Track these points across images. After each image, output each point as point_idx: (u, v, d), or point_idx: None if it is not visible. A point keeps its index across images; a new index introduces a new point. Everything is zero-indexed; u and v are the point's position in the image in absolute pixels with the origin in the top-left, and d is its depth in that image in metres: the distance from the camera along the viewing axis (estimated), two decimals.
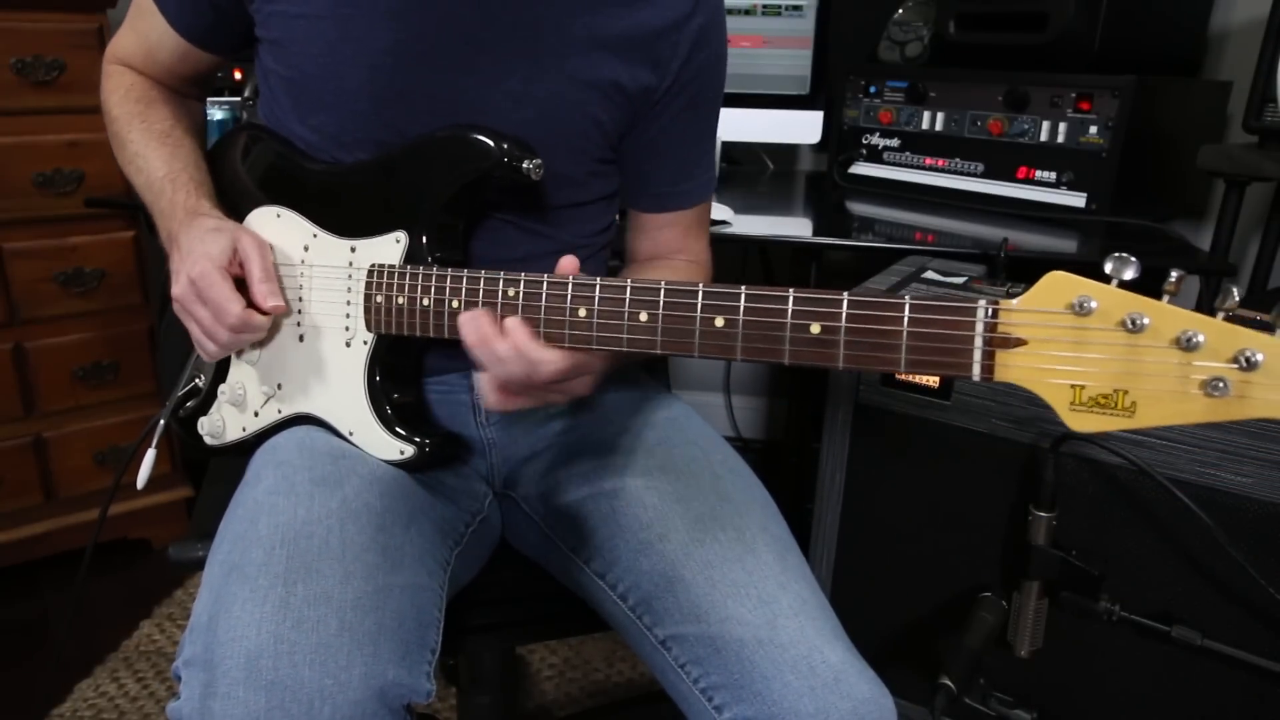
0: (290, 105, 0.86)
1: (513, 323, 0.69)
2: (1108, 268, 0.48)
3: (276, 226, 0.87)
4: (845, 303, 0.58)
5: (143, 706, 1.49)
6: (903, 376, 1.09)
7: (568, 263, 0.71)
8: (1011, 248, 1.20)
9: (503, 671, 1.12)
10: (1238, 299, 0.46)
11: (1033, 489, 1.00)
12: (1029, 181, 1.47)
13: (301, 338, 0.86)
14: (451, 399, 0.91)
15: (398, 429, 0.82)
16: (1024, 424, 1.03)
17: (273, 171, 0.89)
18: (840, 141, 1.69)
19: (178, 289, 0.80)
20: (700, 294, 0.64)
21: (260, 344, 0.88)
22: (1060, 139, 1.42)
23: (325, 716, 0.63)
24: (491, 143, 0.79)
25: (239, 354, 0.89)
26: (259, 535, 0.70)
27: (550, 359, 0.68)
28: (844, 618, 0.76)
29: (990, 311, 0.52)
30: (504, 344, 0.69)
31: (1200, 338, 0.45)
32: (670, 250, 0.98)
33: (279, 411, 0.87)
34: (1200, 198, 1.66)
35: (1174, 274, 0.48)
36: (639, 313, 0.66)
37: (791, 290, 0.60)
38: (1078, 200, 1.42)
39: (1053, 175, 1.44)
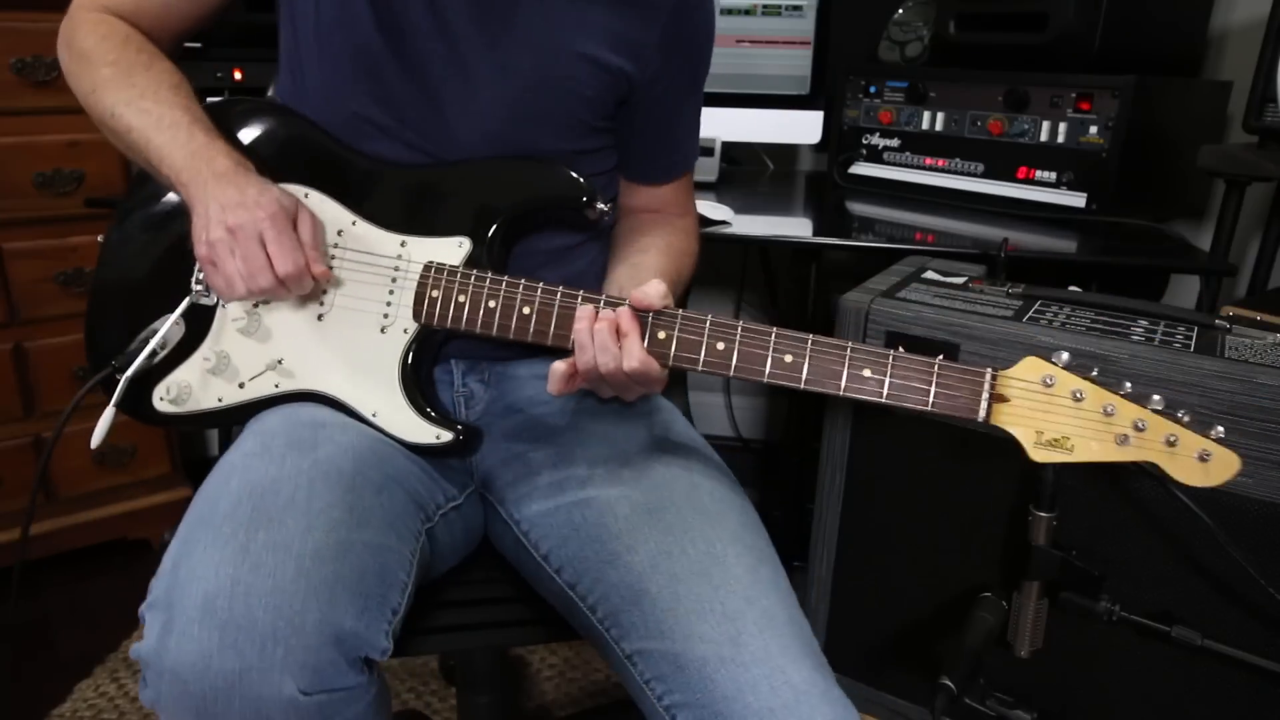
0: (291, 87, 0.91)
1: (628, 324, 0.77)
2: (1060, 359, 0.72)
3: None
4: (892, 357, 0.74)
5: (142, 707, 1.49)
6: None
7: (652, 289, 0.77)
8: (1011, 248, 1.20)
9: (502, 671, 1.12)
10: (1160, 407, 0.69)
11: (1033, 489, 1.00)
12: (1029, 181, 1.47)
13: (321, 317, 0.87)
14: (440, 390, 0.92)
15: (431, 415, 0.85)
16: None
17: (296, 151, 0.90)
18: (840, 141, 1.69)
19: (237, 218, 0.79)
20: (774, 336, 0.76)
21: (262, 315, 0.88)
22: (1060, 139, 1.42)
23: (278, 658, 0.64)
24: (581, 180, 0.87)
25: (234, 322, 0.89)
26: (229, 490, 0.72)
27: (648, 361, 0.77)
28: (843, 618, 0.76)
29: (992, 375, 0.73)
30: (612, 334, 0.77)
31: (1113, 408, 0.70)
32: (665, 204, 1.03)
33: (276, 386, 0.88)
34: (1200, 198, 1.66)
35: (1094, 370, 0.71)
36: (716, 343, 0.77)
37: (849, 342, 0.76)
38: (1078, 200, 1.42)
39: (1053, 175, 1.44)
